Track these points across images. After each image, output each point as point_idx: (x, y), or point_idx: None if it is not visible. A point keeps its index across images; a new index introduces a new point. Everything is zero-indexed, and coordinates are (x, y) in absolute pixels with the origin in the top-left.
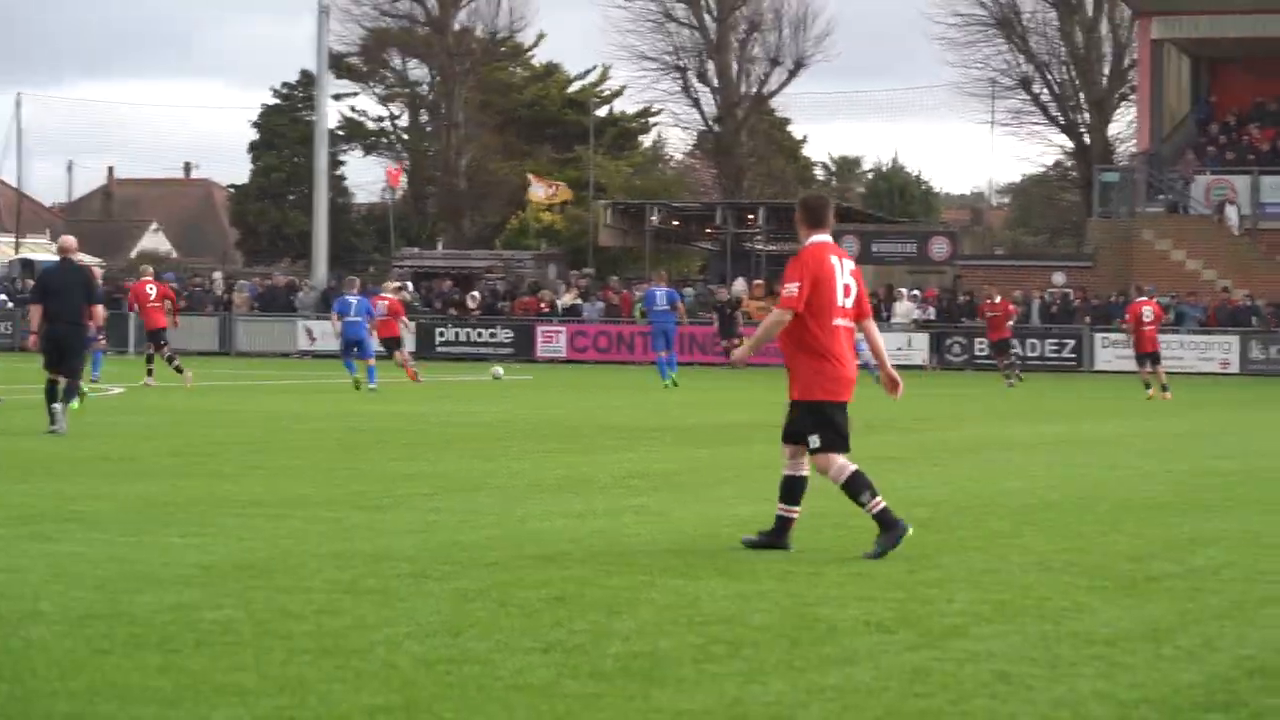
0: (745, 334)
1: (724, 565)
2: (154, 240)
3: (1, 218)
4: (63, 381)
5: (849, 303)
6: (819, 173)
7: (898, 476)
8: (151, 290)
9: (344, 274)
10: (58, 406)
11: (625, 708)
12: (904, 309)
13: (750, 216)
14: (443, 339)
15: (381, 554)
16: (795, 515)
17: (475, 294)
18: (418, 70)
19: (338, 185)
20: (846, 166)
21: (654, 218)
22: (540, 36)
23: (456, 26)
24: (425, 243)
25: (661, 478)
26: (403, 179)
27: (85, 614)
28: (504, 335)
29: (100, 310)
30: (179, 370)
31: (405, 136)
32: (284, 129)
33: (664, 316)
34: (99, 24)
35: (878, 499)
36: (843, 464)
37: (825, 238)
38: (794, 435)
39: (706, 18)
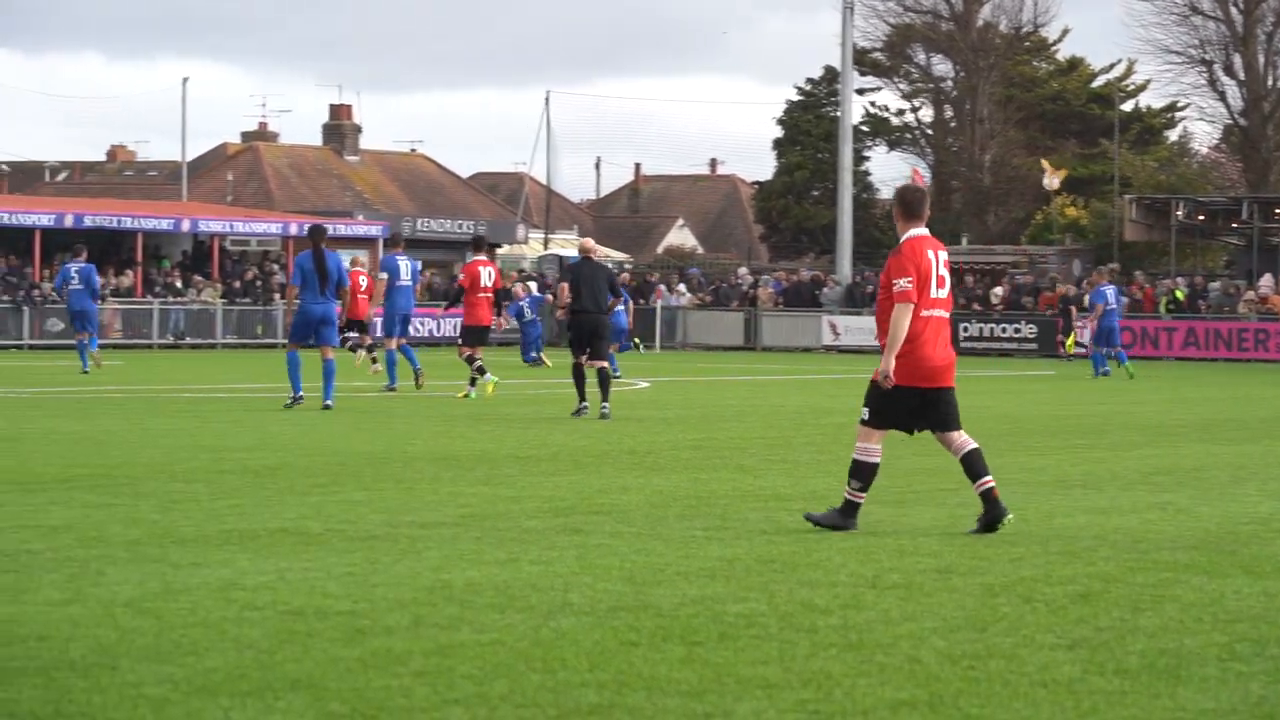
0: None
1: (1248, 563)
2: (679, 236)
3: (531, 214)
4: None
5: (942, 294)
6: None
7: None
8: (363, 281)
9: (866, 270)
10: (606, 405)
11: (1150, 705)
12: None
13: (1277, 211)
14: (966, 334)
15: (905, 549)
16: (989, 483)
17: (999, 289)
18: (941, 66)
19: (862, 181)
20: None
21: (1179, 212)
22: (1064, 31)
23: (980, 22)
24: (950, 239)
25: (1186, 474)
26: (926, 178)
27: (613, 606)
28: (1028, 331)
29: (619, 303)
30: (358, 352)
31: (929, 132)
32: (808, 125)
33: (1110, 314)
34: (627, 22)
35: (861, 494)
36: (869, 448)
37: (922, 230)
38: (937, 423)
39: (1233, 10)
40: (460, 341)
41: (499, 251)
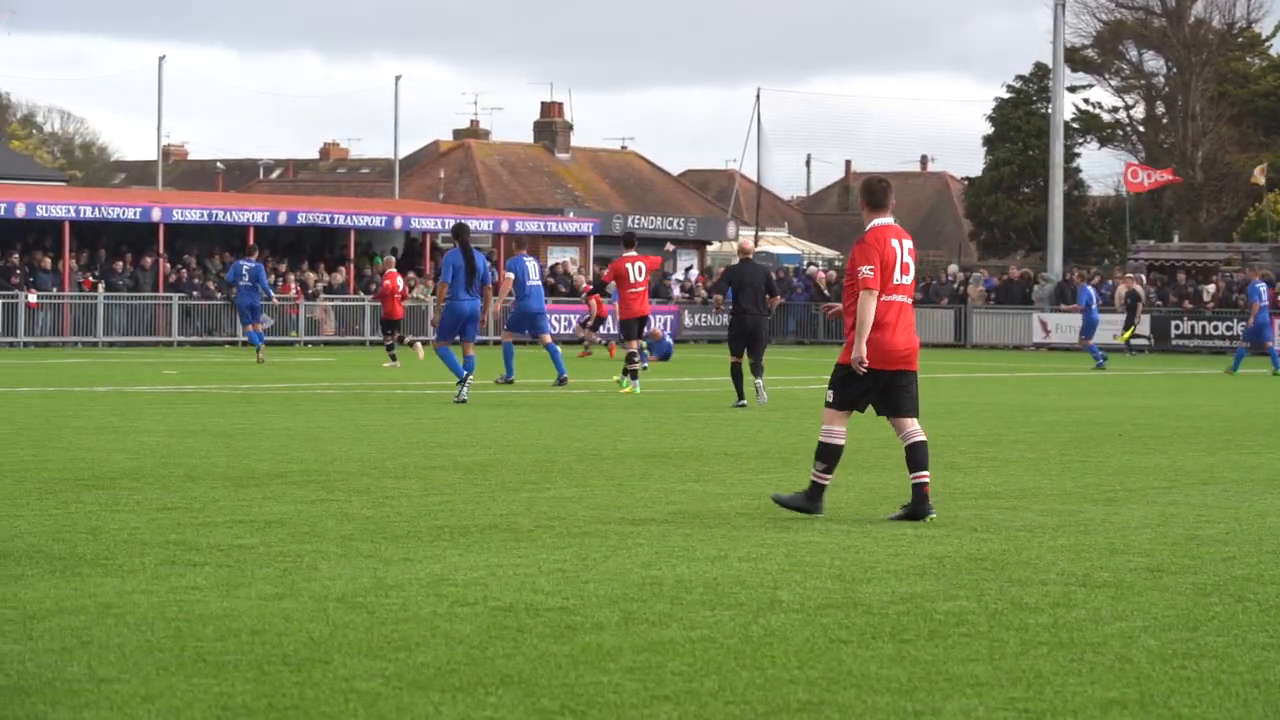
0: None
1: None
2: None
3: (742, 211)
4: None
5: (906, 280)
6: None
7: None
8: (400, 283)
9: (1077, 267)
10: (760, 381)
11: None
12: None
13: None
14: (1178, 332)
15: (1116, 547)
16: (925, 478)
17: (1210, 287)
18: (1153, 62)
19: (1072, 178)
20: None
21: None
22: (1278, 27)
23: (1192, 18)
24: (1161, 235)
25: None
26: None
27: (822, 603)
28: (1240, 328)
29: (777, 301)
30: (407, 344)
31: (1140, 129)
32: (1018, 122)
33: (1263, 310)
34: (840, 21)
35: (828, 477)
36: (833, 430)
37: (886, 220)
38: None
39: None
40: (621, 337)
41: (709, 249)
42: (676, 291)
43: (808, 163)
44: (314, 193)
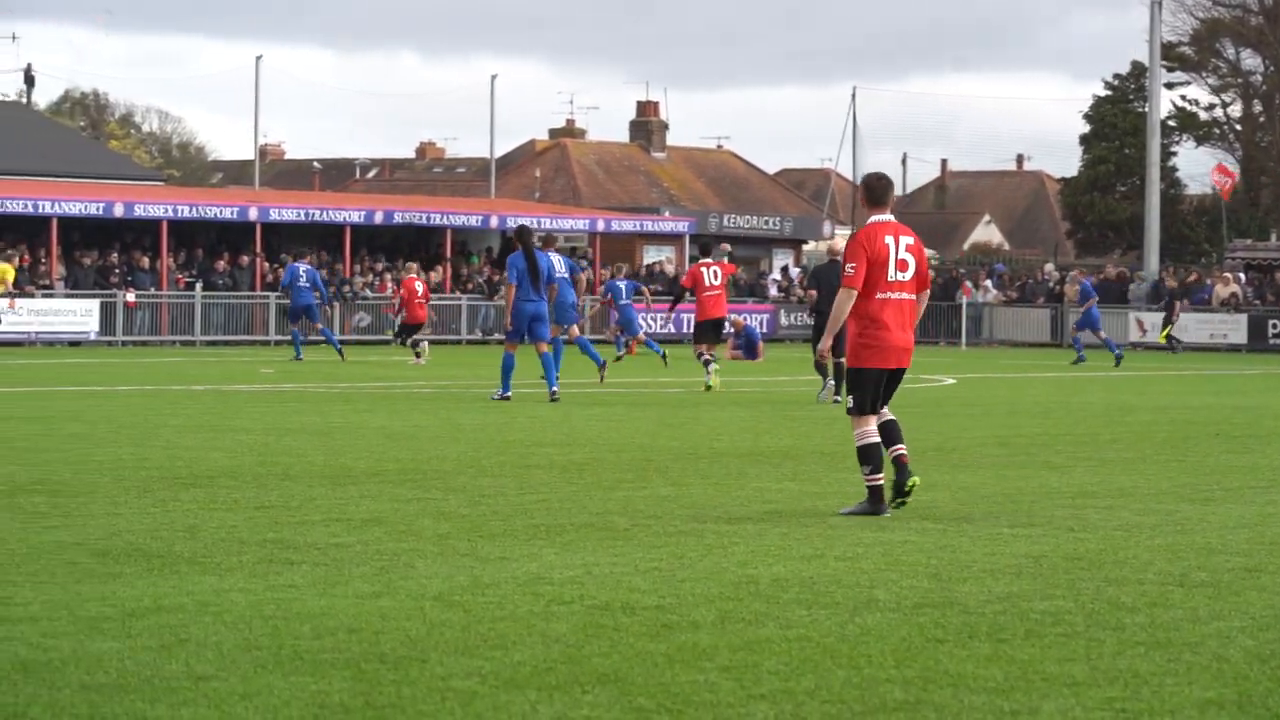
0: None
1: None
2: (985, 232)
3: (838, 210)
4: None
5: (904, 276)
6: None
7: None
8: (419, 287)
9: (1174, 266)
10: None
11: None
12: None
13: None
14: (1275, 331)
15: (1213, 547)
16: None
17: None
18: (1251, 60)
19: (1169, 176)
20: None
21: None
22: None
23: None
24: (1258, 234)
25: None
26: (1234, 170)
27: (918, 602)
28: None
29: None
30: (415, 351)
31: (1238, 128)
32: (1114, 120)
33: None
34: (936, 19)
35: (879, 475)
36: (866, 430)
37: (884, 216)
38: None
39: None
40: (693, 339)
41: (804, 248)
42: (773, 291)
43: (903, 161)
44: (410, 192)
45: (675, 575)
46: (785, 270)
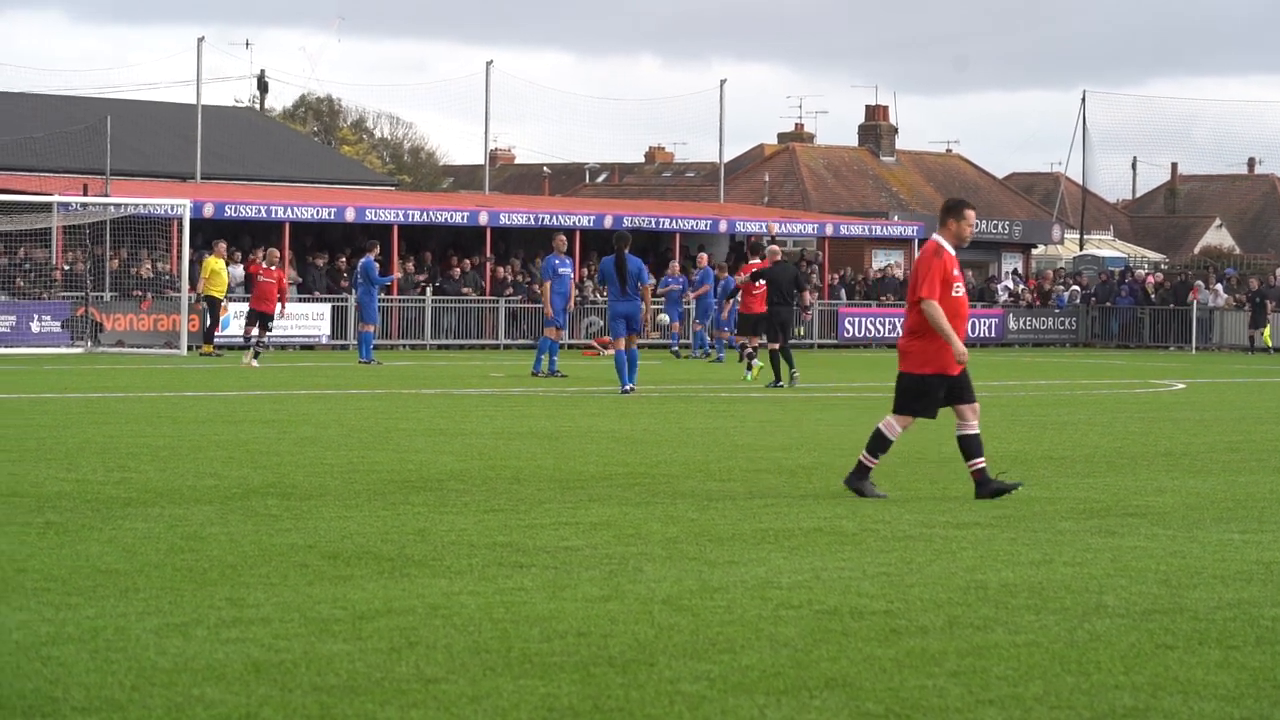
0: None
1: None
2: (1216, 236)
3: (1067, 214)
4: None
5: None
6: None
7: None
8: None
9: None
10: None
11: None
12: None
13: None
14: None
15: None
16: (982, 464)
17: None
18: None
19: None
20: None
21: None
22: None
23: None
24: None
25: None
26: None
27: (1148, 609)
28: None
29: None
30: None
31: None
32: None
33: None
34: (1169, 22)
35: (876, 460)
36: (893, 423)
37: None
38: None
39: None
40: (736, 332)
41: (1033, 252)
42: (1003, 296)
43: (1133, 165)
44: (639, 196)
45: (903, 580)
46: (1015, 273)
